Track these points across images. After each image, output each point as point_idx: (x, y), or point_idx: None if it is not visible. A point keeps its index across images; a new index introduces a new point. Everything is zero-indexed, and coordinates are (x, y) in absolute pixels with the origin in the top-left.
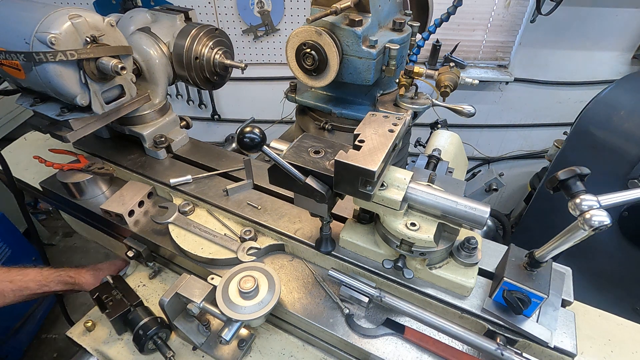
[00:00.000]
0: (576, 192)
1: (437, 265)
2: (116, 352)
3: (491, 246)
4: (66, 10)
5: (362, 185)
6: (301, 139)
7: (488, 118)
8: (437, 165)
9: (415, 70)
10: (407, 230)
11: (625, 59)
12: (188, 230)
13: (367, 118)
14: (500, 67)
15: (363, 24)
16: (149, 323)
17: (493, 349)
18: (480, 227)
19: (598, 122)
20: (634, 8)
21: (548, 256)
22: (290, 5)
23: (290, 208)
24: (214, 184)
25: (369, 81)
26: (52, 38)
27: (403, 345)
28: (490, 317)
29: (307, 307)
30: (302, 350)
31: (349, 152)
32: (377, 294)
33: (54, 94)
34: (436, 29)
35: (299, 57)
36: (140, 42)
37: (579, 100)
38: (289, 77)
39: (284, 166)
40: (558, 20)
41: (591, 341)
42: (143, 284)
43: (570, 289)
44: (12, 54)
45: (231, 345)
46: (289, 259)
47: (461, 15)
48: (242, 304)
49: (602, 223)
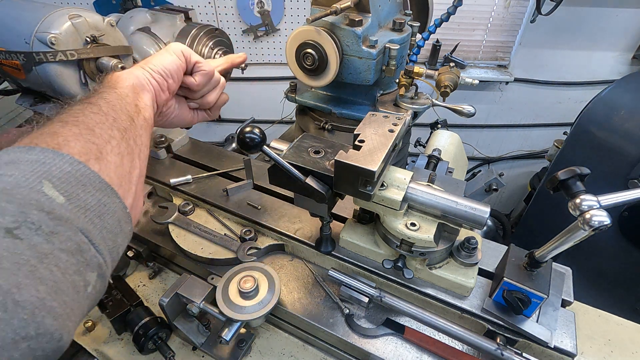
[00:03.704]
0: (576, 192)
1: (437, 265)
2: (116, 352)
3: (491, 246)
4: (66, 10)
5: (362, 185)
6: (301, 139)
7: (488, 118)
8: (437, 165)
9: (415, 70)
10: (407, 230)
11: (625, 59)
12: (188, 230)
13: (367, 118)
14: (500, 67)
15: (363, 24)
16: (149, 323)
17: (493, 349)
18: (480, 227)
19: (598, 122)
20: (634, 8)
21: (548, 256)
22: (290, 5)
23: (290, 208)
24: (214, 184)
25: (369, 81)
26: (52, 38)
27: (403, 345)
28: (490, 317)
29: (307, 307)
30: (302, 350)
31: (349, 152)
32: (377, 294)
33: (54, 94)
34: (436, 29)
35: (299, 57)
36: (140, 42)
37: (579, 100)
38: (289, 77)
39: (284, 166)
40: (558, 20)
41: (591, 341)
42: (143, 284)
43: (570, 289)
44: (12, 54)
45: (231, 345)
46: (289, 259)
47: (461, 15)
48: (242, 304)
49: (602, 223)
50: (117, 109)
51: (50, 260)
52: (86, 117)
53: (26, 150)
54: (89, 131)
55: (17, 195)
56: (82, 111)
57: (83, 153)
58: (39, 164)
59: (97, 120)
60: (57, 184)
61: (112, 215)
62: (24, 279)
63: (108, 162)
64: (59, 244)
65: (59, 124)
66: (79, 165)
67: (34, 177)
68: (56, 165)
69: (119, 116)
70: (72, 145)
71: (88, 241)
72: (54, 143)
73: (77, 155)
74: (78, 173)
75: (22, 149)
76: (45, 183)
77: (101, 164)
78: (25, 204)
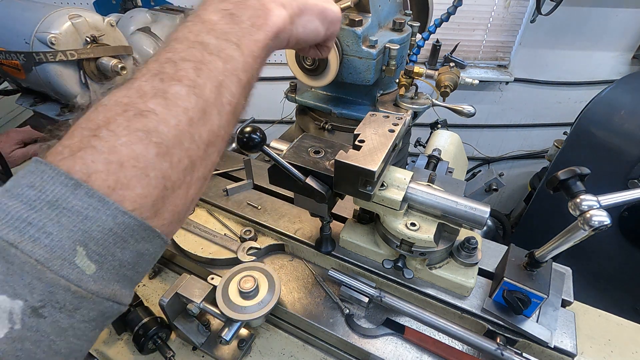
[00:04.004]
0: (576, 192)
1: (437, 265)
2: (116, 352)
3: (491, 246)
4: (66, 10)
5: (362, 185)
6: (301, 139)
7: (488, 118)
8: (437, 165)
9: (415, 70)
10: (407, 230)
11: (625, 59)
12: (188, 230)
13: (367, 118)
14: (500, 67)
15: (363, 24)
16: (149, 323)
17: (493, 349)
18: (480, 227)
19: (598, 122)
20: (634, 8)
21: (548, 256)
22: None
23: (290, 208)
24: (214, 184)
25: (369, 81)
26: (52, 38)
27: (403, 345)
28: (490, 317)
29: (307, 307)
30: (302, 350)
31: (349, 152)
32: (377, 294)
33: (54, 94)
34: (436, 29)
35: (299, 57)
36: (140, 42)
37: (579, 100)
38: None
39: (284, 166)
40: (558, 20)
41: (591, 341)
42: (143, 284)
43: (570, 289)
44: (12, 54)
45: (231, 345)
46: (289, 259)
47: (461, 15)
48: (242, 304)
49: (602, 223)
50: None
51: (69, 333)
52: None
53: (72, 190)
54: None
55: (48, 272)
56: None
57: (142, 196)
58: (80, 220)
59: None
60: (93, 249)
61: (149, 258)
62: (41, 354)
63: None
64: (80, 317)
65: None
66: (124, 217)
67: (69, 243)
68: (99, 221)
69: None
70: (132, 185)
71: (113, 303)
72: (109, 180)
73: (132, 202)
74: (120, 229)
75: (68, 183)
76: (79, 251)
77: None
78: (53, 283)
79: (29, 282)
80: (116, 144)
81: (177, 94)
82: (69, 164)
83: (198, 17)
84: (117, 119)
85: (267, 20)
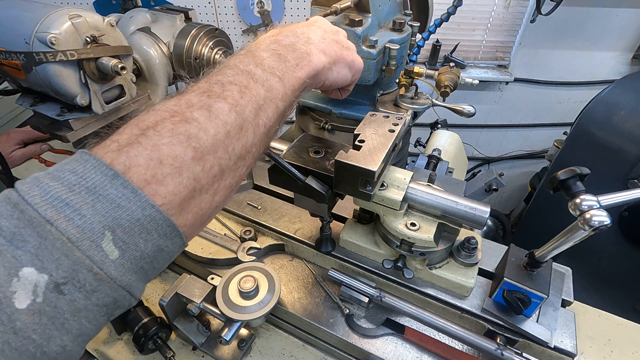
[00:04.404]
0: (576, 192)
1: (437, 265)
2: (116, 352)
3: (491, 246)
4: (66, 10)
5: (362, 185)
6: (301, 139)
7: (488, 118)
8: (437, 165)
9: (415, 70)
10: (407, 230)
11: (625, 59)
12: None
13: (367, 118)
14: (500, 67)
15: (363, 24)
16: (149, 323)
17: (493, 349)
18: (480, 227)
19: (598, 122)
20: (634, 8)
21: (548, 256)
22: (290, 6)
23: (290, 208)
24: None
25: (369, 81)
26: (52, 38)
27: (403, 345)
28: (490, 317)
29: (307, 307)
30: (302, 350)
31: (349, 152)
32: (377, 294)
33: (54, 94)
34: (436, 29)
35: None
36: (140, 42)
37: (579, 100)
38: None
39: (284, 166)
40: (558, 20)
41: (591, 341)
42: None
43: (570, 289)
44: (12, 54)
45: (231, 345)
46: (289, 259)
47: (461, 15)
48: (242, 304)
49: (602, 223)
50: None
51: (82, 314)
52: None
53: (110, 180)
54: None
55: (76, 250)
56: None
57: (172, 194)
58: (112, 208)
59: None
60: (119, 235)
61: (167, 255)
62: (54, 331)
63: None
64: (95, 300)
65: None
66: (152, 210)
67: (99, 227)
68: (129, 211)
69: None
70: (167, 181)
71: (127, 293)
72: (146, 174)
73: (162, 197)
74: (146, 220)
75: (108, 173)
76: (107, 235)
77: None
78: (79, 262)
79: (57, 257)
80: (159, 143)
81: (220, 109)
82: (114, 156)
83: (250, 52)
84: (165, 122)
85: (310, 62)
